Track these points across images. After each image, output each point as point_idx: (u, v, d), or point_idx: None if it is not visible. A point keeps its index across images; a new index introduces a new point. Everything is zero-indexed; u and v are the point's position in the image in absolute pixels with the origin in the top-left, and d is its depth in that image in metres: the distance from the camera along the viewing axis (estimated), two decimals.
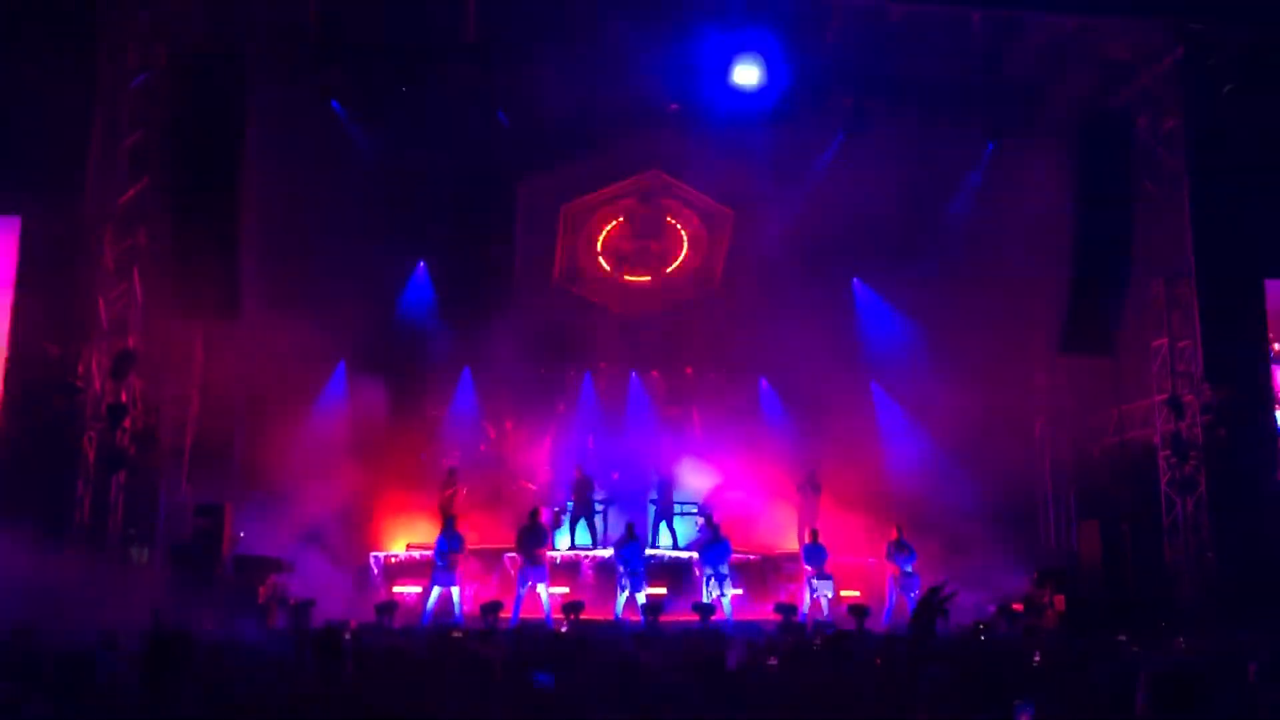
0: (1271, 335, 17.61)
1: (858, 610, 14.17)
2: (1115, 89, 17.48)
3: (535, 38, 16.00)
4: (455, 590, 14.19)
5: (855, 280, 20.31)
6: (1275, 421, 17.47)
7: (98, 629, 9.22)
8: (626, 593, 14.43)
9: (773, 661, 7.67)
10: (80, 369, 14.39)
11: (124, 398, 14.82)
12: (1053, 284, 17.59)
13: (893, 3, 15.76)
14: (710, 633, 12.96)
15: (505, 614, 13.64)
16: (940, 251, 18.81)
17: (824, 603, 14.90)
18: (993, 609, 15.66)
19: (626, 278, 20.15)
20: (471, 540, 15.67)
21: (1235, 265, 17.31)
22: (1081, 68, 17.14)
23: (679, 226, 20.01)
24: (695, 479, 19.05)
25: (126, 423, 14.69)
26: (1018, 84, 17.28)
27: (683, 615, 14.19)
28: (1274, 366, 17.54)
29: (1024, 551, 17.65)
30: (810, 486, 17.72)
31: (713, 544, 15.08)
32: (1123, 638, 13.47)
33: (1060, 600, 15.35)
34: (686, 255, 20.17)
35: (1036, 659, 9.78)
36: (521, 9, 15.90)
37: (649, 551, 15.86)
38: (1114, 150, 17.00)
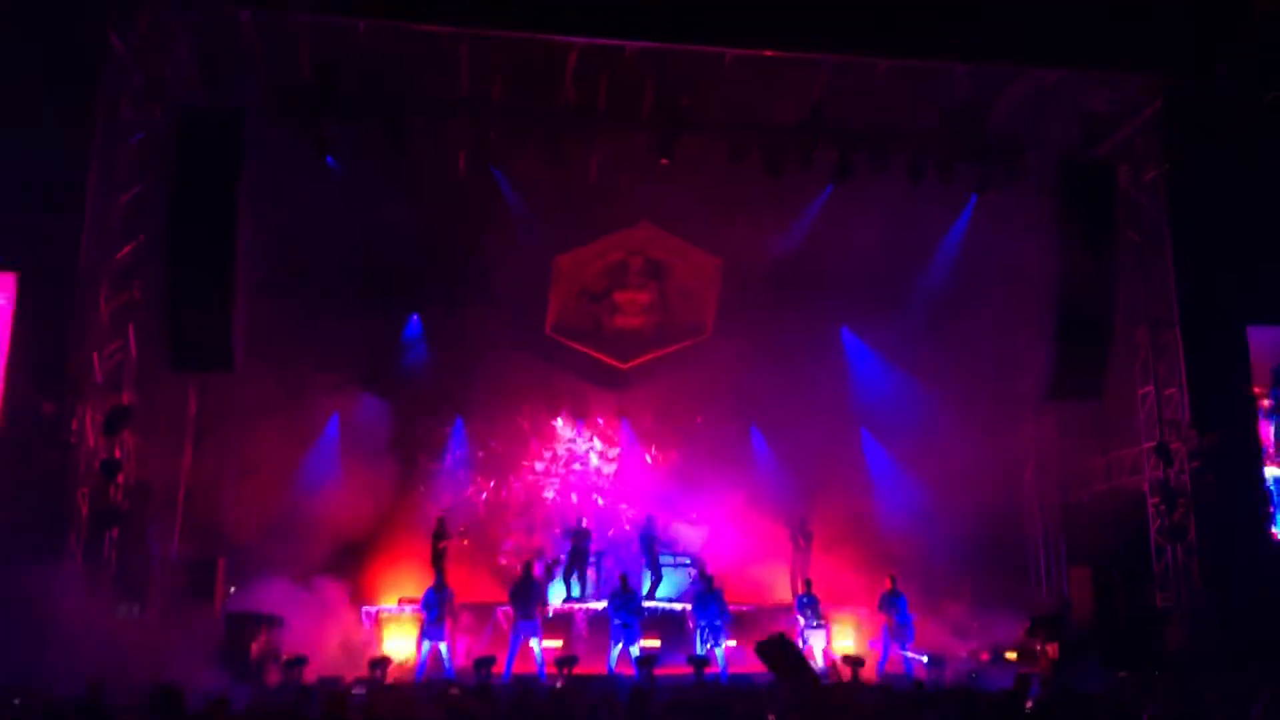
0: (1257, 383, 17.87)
1: (852, 661, 14.19)
2: (1097, 140, 17.77)
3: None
4: (444, 645, 14.11)
5: (844, 329, 20.50)
6: (1262, 468, 17.65)
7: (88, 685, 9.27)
8: (620, 646, 14.38)
9: (770, 717, 7.70)
10: (74, 425, 14.38)
11: (117, 453, 14.82)
12: (1039, 331, 17.77)
13: (877, 57, 16.04)
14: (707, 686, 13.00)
15: (498, 669, 13.60)
16: (928, 300, 19.08)
17: (817, 654, 14.87)
18: (986, 657, 15.72)
19: (618, 327, 20.27)
20: (464, 594, 15.65)
21: (1219, 312, 17.56)
22: (1063, 119, 17.47)
23: (668, 277, 20.18)
24: (687, 529, 19.11)
25: (120, 478, 14.68)
26: (1001, 136, 17.59)
27: (678, 668, 14.16)
28: (1265, 421, 17.75)
29: (1015, 598, 17.68)
30: (802, 535, 17.76)
31: (706, 595, 15.06)
32: (1123, 674, 13.61)
33: (1053, 648, 15.39)
34: (676, 305, 20.32)
35: (1029, 705, 9.86)
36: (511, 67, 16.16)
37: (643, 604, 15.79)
38: (1096, 200, 17.21)
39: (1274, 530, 17.48)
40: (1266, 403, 17.84)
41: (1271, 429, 17.89)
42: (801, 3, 15.09)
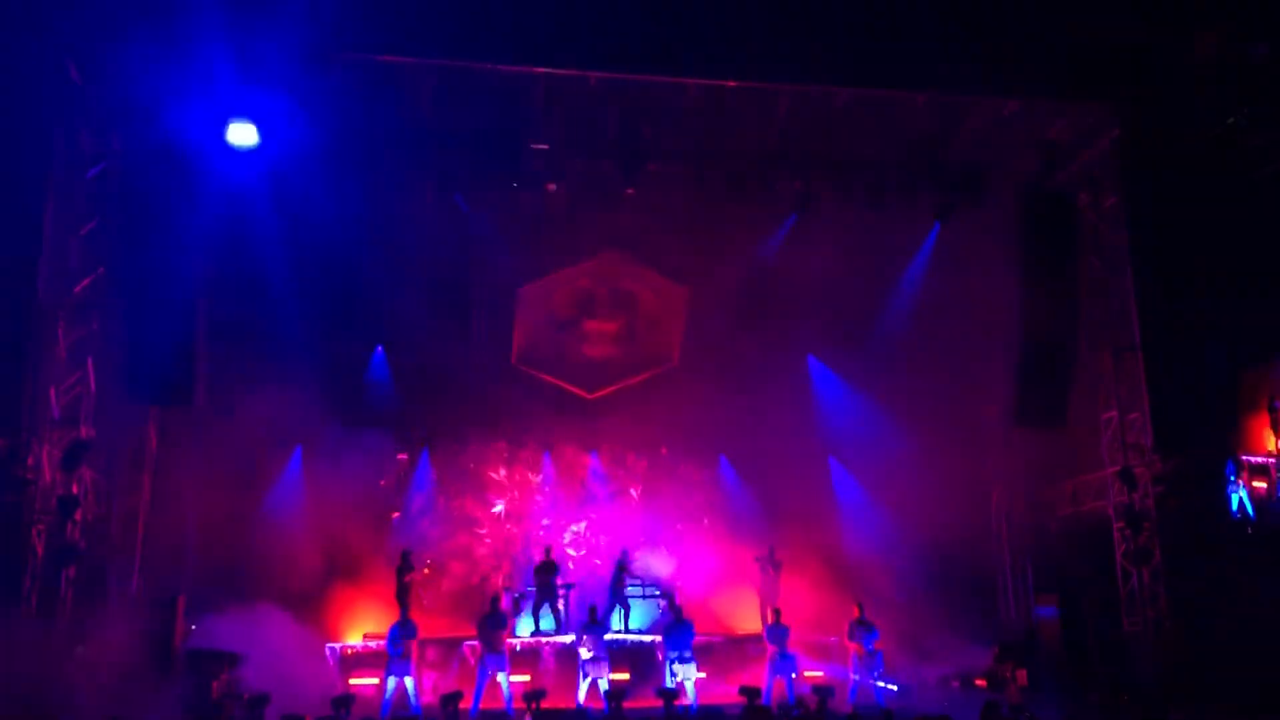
0: None
1: (822, 690, 14.08)
2: (1057, 168, 17.94)
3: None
4: (410, 681, 13.91)
5: (810, 357, 20.52)
6: (1227, 490, 17.71)
7: None
8: (589, 679, 14.22)
9: None
10: (30, 460, 14.12)
11: (75, 489, 14.56)
12: (1004, 358, 17.88)
13: (838, 87, 16.17)
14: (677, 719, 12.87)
15: (465, 704, 13.41)
16: (893, 328, 19.16)
17: (788, 683, 14.76)
18: (956, 685, 15.68)
19: (584, 357, 20.20)
20: (430, 628, 15.45)
21: (1181, 336, 17.67)
22: (1023, 148, 17.66)
23: (635, 306, 20.16)
24: (655, 559, 18.98)
25: (78, 515, 14.41)
26: (962, 164, 17.77)
27: (646, 701, 14.02)
28: None
29: (984, 624, 17.70)
30: (770, 564, 17.68)
31: (675, 626, 14.93)
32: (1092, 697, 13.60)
33: (1022, 674, 15.37)
34: (643, 334, 20.29)
35: None
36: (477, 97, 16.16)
37: (610, 636, 15.63)
38: (1057, 227, 17.37)
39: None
40: None
41: None
42: (764, 34, 15.19)
